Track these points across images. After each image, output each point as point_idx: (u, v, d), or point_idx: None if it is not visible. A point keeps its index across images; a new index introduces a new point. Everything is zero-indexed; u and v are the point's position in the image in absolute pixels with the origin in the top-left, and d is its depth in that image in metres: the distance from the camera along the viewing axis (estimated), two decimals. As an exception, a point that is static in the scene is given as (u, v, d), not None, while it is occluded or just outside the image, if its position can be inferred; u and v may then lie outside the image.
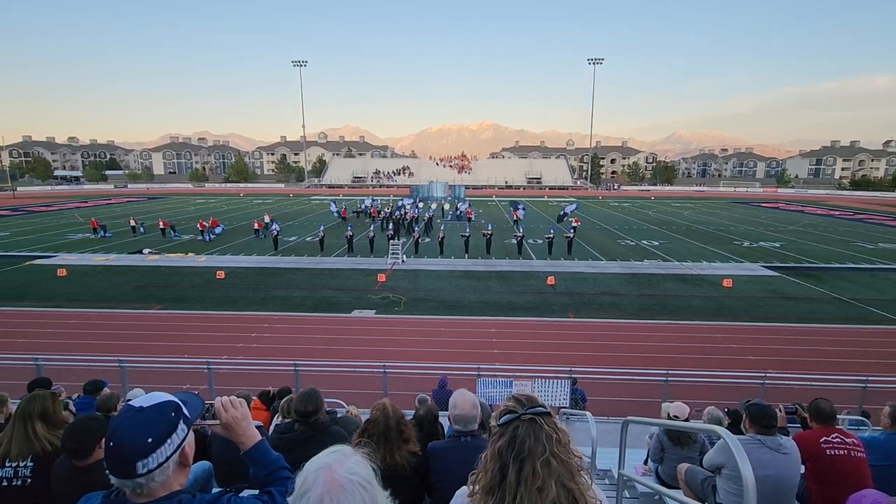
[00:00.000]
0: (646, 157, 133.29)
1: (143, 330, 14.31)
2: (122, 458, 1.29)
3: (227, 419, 1.70)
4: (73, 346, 12.66)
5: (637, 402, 9.17)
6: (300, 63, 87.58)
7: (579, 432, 6.17)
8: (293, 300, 17.44)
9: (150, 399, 1.39)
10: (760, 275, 21.84)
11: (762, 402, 3.57)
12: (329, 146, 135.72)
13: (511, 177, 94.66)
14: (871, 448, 3.61)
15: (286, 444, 3.12)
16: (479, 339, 13.87)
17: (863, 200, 69.50)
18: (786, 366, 11.37)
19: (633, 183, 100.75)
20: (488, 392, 8.36)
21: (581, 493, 1.46)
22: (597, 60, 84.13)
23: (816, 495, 3.44)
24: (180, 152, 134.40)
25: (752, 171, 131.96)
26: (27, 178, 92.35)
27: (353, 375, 10.52)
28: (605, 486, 4.96)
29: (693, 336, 14.16)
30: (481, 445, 1.70)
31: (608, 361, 11.83)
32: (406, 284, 19.66)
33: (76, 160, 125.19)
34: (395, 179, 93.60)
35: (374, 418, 2.79)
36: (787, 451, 3.30)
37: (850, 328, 14.86)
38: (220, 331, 14.39)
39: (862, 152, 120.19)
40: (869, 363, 11.96)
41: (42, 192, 75.32)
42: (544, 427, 1.50)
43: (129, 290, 18.66)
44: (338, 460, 1.22)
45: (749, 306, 17.02)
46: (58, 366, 9.93)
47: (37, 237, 31.03)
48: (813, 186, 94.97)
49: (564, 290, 19.03)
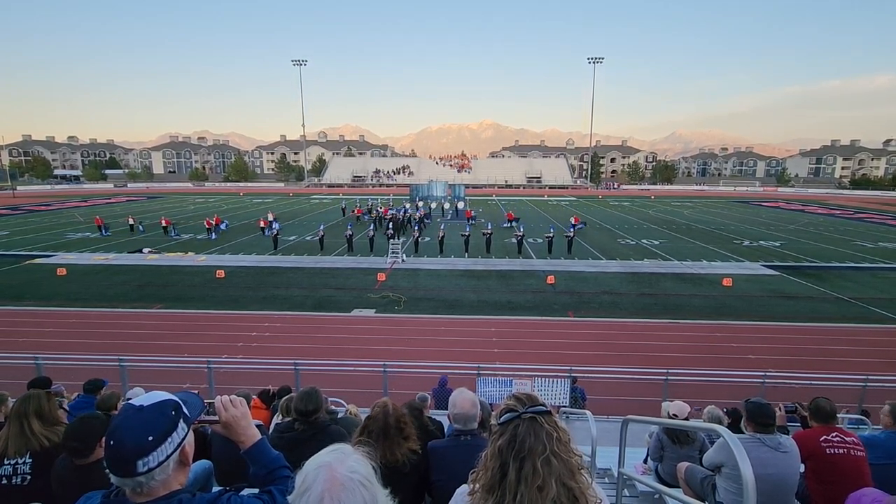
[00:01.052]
0: (646, 156, 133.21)
1: (143, 329, 14.31)
2: (123, 456, 1.29)
3: (226, 418, 1.70)
4: (73, 345, 12.66)
5: (637, 402, 9.17)
6: (300, 62, 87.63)
7: (579, 431, 6.17)
8: (293, 299, 17.44)
9: (150, 398, 1.39)
10: (761, 274, 21.85)
11: (761, 401, 3.56)
12: (329, 145, 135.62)
13: (511, 176, 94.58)
14: (871, 446, 3.61)
15: (286, 443, 3.12)
16: (479, 338, 13.87)
17: (863, 199, 69.46)
18: (786, 365, 11.36)
19: (633, 182, 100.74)
20: (488, 391, 8.36)
21: (581, 491, 1.46)
22: (597, 59, 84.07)
23: (816, 494, 3.44)
24: (180, 151, 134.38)
25: (752, 170, 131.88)
26: (27, 178, 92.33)
27: (353, 375, 10.53)
28: (605, 485, 4.97)
29: (693, 335, 14.17)
30: (481, 444, 1.70)
31: (608, 360, 11.83)
32: (406, 284, 19.66)
33: (76, 159, 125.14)
34: (394, 179, 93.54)
35: (374, 415, 2.80)
36: (786, 449, 3.30)
37: (850, 327, 14.87)
38: (220, 330, 14.39)
39: (862, 151, 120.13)
40: (869, 362, 11.98)
41: (42, 192, 75.24)
42: (545, 426, 1.50)
43: (129, 289, 18.66)
44: (338, 459, 1.22)
45: (749, 305, 17.02)
46: (58, 365, 9.93)
47: (36, 236, 31.02)
48: (813, 186, 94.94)
49: (564, 289, 19.04)
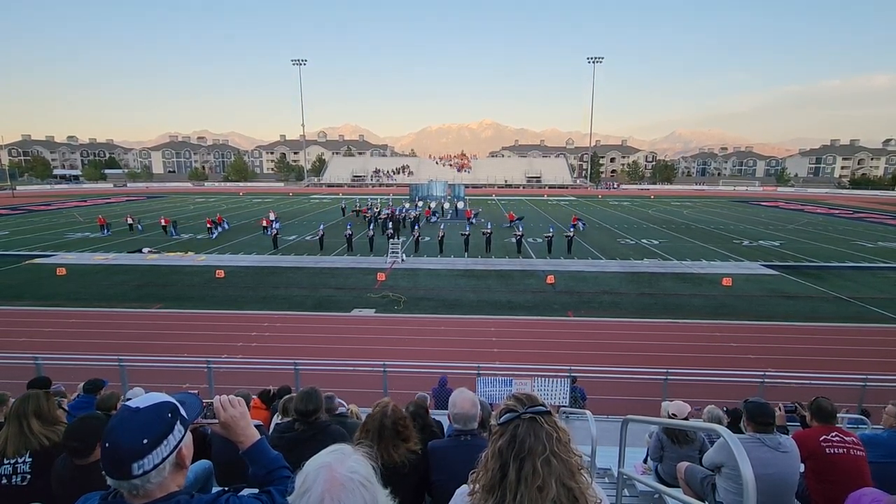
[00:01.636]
0: (645, 155, 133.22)
1: (142, 329, 14.30)
2: (118, 459, 1.28)
3: (225, 418, 1.70)
4: (73, 345, 12.65)
5: (637, 401, 9.18)
6: (300, 62, 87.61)
7: (579, 431, 6.17)
8: (293, 299, 17.43)
9: (147, 400, 1.38)
10: (760, 273, 21.86)
11: (760, 400, 3.56)
12: (329, 145, 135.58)
13: (511, 176, 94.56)
14: (873, 445, 3.61)
15: (286, 444, 3.12)
16: (478, 337, 13.87)
17: (862, 199, 69.47)
18: (785, 364, 11.37)
19: (633, 182, 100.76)
20: (488, 391, 8.36)
21: (581, 491, 1.46)
22: (596, 59, 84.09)
23: (816, 494, 3.44)
24: (179, 151, 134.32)
25: (751, 169, 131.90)
26: (26, 178, 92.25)
27: (352, 375, 10.53)
28: (605, 485, 4.97)
29: (693, 335, 14.17)
30: (481, 444, 1.70)
31: (608, 360, 11.83)
32: (406, 283, 19.66)
33: (75, 159, 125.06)
34: (394, 178, 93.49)
35: (372, 415, 2.80)
36: (786, 449, 3.30)
37: (849, 327, 14.87)
38: (219, 330, 14.39)
39: (861, 151, 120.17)
40: (868, 362, 11.98)
41: (41, 192, 75.19)
42: (544, 426, 1.50)
43: (128, 289, 18.66)
44: (338, 459, 1.22)
45: (749, 305, 17.03)
46: (58, 365, 9.92)
47: (36, 236, 31.00)
48: (812, 185, 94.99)
49: (564, 288, 19.04)
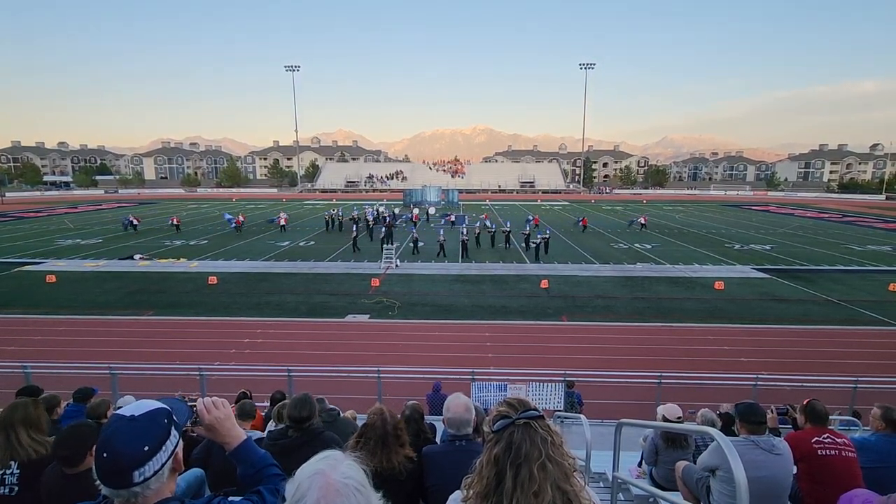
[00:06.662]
0: (638, 160, 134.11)
1: (133, 336, 14.15)
2: (119, 468, 1.27)
3: (210, 420, 1.69)
4: (63, 353, 12.47)
5: (631, 405, 9.21)
6: (293, 68, 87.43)
7: (574, 435, 6.17)
8: (286, 305, 17.34)
9: (141, 407, 1.37)
10: (752, 277, 22.03)
11: (751, 402, 3.59)
12: (322, 151, 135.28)
13: (504, 181, 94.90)
14: (863, 450, 3.64)
15: (280, 450, 3.10)
16: (473, 342, 13.86)
17: (851, 203, 70.39)
18: (778, 367, 11.46)
19: (626, 186, 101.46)
20: (483, 396, 8.35)
21: (575, 494, 1.46)
22: (588, 65, 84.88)
23: (809, 495, 3.46)
24: (172, 157, 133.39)
25: (742, 174, 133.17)
26: (16, 184, 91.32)
27: (346, 380, 10.47)
28: (600, 489, 4.97)
29: (686, 338, 14.24)
30: (476, 449, 1.70)
31: (602, 364, 11.84)
32: (400, 289, 19.62)
33: (66, 165, 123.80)
34: (388, 184, 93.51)
35: (372, 423, 2.79)
36: (780, 451, 3.32)
37: (840, 329, 15.02)
38: (212, 337, 14.27)
39: (850, 156, 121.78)
40: (859, 364, 12.08)
41: (31, 198, 74.49)
42: (539, 430, 1.50)
43: (119, 296, 18.47)
44: (331, 465, 1.21)
45: (741, 308, 17.16)
46: (47, 373, 9.77)
47: (26, 243, 30.63)
48: (802, 189, 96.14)
49: (558, 293, 19.08)
